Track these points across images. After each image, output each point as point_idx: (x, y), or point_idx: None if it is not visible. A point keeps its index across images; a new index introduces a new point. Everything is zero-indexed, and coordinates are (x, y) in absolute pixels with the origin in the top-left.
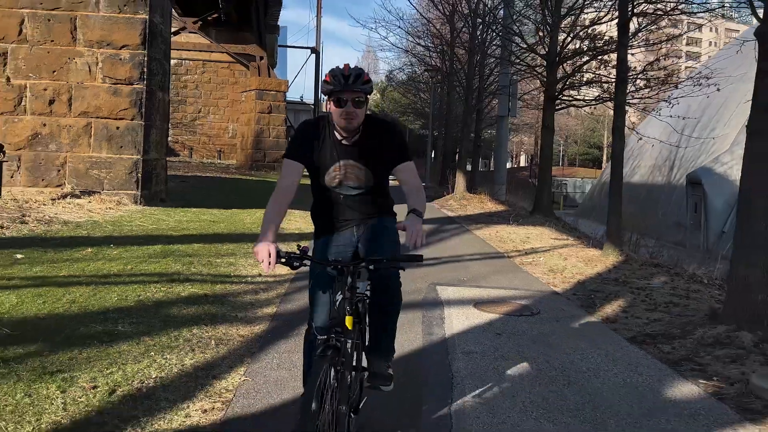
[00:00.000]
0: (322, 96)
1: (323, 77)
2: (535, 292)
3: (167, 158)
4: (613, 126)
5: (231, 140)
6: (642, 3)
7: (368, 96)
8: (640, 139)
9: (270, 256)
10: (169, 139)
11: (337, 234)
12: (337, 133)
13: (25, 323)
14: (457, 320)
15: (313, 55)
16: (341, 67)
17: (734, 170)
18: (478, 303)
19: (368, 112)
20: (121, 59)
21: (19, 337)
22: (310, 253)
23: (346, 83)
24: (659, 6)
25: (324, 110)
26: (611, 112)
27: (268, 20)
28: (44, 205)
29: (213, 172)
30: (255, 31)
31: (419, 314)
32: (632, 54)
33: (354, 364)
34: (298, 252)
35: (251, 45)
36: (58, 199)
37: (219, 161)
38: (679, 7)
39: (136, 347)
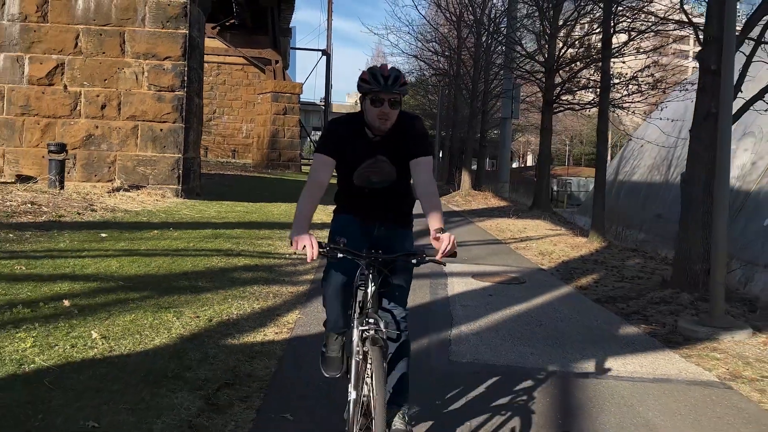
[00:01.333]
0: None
1: (360, 75)
2: (524, 269)
3: None
4: (597, 129)
5: (245, 140)
6: (622, 22)
7: (403, 98)
8: (630, 140)
9: (313, 247)
10: None
11: (357, 227)
12: (368, 131)
13: (131, 279)
14: (458, 286)
15: (324, 58)
16: (379, 67)
17: None
18: (476, 275)
19: None
20: (164, 69)
21: (132, 287)
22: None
23: (386, 84)
24: (637, 25)
25: (333, 111)
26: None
27: (281, 23)
28: (102, 197)
29: (232, 170)
30: (270, 35)
31: (427, 281)
32: (623, 62)
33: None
34: (338, 245)
35: (267, 49)
36: (112, 192)
37: (234, 160)
38: (653, 28)
39: (217, 296)
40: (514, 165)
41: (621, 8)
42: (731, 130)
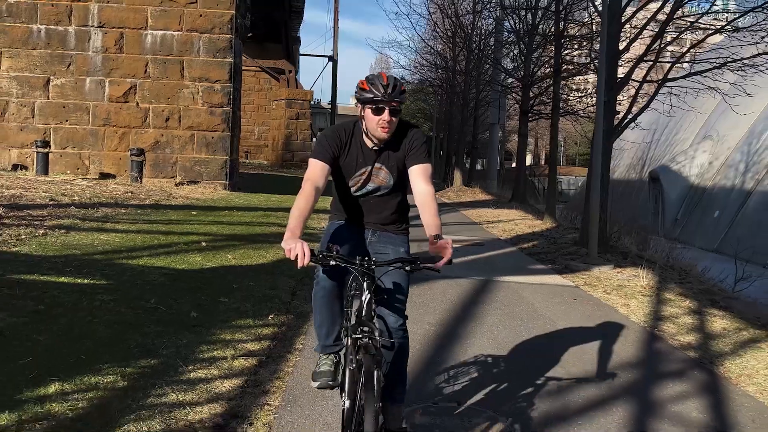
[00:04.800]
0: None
1: (358, 83)
2: (486, 238)
3: None
4: (550, 138)
5: (257, 141)
6: (567, 56)
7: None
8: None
9: (305, 255)
10: None
11: (352, 233)
12: (367, 140)
13: (229, 235)
14: None
15: (330, 63)
16: (377, 74)
17: (686, 168)
18: None
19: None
20: (214, 90)
21: (232, 239)
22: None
23: (386, 93)
24: (579, 61)
25: (338, 113)
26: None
27: (291, 32)
28: (173, 189)
29: (252, 169)
30: (283, 46)
31: (414, 245)
32: (587, 80)
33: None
34: (332, 252)
35: (281, 60)
36: (177, 186)
37: (248, 161)
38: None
39: None
40: (513, 165)
41: (565, 50)
42: (601, 140)
